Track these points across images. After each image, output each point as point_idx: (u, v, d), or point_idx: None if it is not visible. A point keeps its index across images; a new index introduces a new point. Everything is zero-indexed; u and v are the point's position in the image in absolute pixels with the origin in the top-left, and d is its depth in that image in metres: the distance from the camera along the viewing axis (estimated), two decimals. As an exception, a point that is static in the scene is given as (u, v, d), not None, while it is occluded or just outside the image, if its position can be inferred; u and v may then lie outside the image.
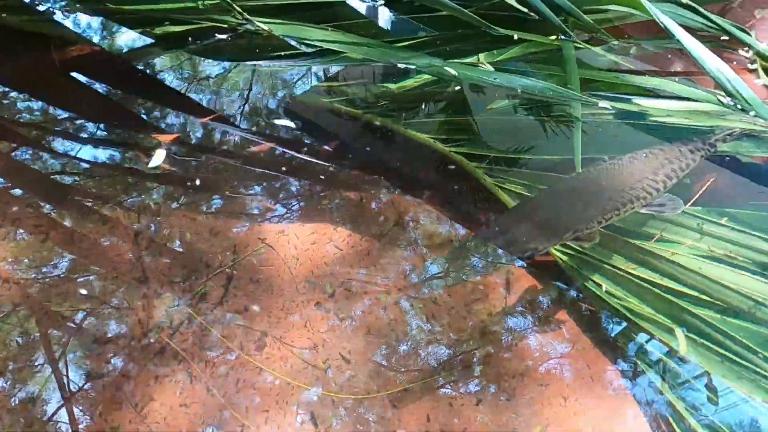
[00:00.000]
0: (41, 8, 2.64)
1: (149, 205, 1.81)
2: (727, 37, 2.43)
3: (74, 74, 2.34)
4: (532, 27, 2.37)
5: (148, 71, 2.40)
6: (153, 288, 1.58)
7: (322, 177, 1.94)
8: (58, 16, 2.62)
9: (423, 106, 2.26)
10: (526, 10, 2.20)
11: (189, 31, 2.39)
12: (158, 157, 1.90)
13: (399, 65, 2.25)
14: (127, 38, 2.50)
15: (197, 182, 1.90)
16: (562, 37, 2.35)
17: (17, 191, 1.87)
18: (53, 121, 2.16)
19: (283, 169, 1.97)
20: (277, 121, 2.11)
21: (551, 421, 1.39)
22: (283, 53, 2.28)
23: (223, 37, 2.37)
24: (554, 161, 2.05)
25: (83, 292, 1.57)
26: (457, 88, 2.30)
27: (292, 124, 2.09)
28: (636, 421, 1.42)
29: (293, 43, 2.20)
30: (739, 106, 2.16)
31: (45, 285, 1.59)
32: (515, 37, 2.21)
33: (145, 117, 2.19)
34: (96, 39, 2.52)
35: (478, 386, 1.44)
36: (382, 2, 2.39)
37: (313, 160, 1.98)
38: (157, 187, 1.88)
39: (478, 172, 1.97)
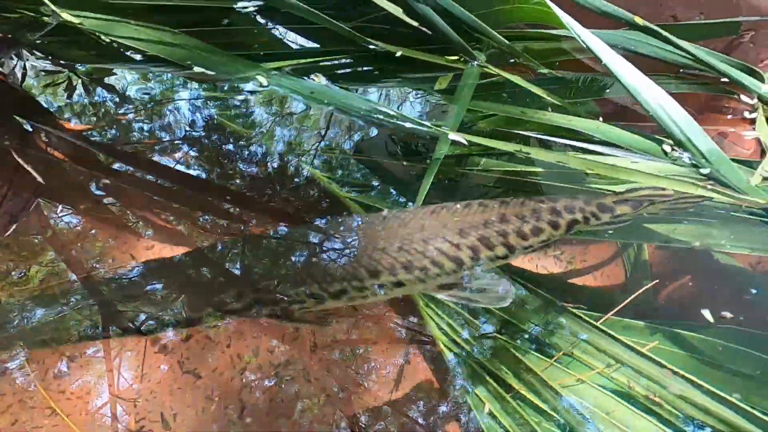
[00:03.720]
0: None
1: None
2: (726, 79, 1.75)
3: None
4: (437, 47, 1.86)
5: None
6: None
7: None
8: None
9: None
10: (416, 24, 1.75)
11: None
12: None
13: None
14: None
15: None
16: (475, 63, 1.83)
17: None
18: None
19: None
20: None
21: None
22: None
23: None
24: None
25: None
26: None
27: None
28: None
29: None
30: (687, 160, 1.47)
31: None
32: (397, 53, 1.76)
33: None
34: None
35: None
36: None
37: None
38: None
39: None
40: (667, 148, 1.48)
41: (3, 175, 1.59)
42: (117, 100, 1.95)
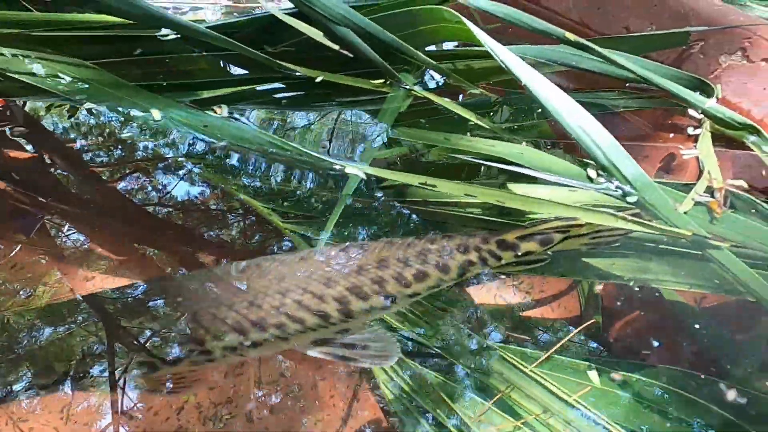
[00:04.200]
0: None
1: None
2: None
3: None
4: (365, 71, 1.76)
5: None
6: None
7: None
8: None
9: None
10: (337, 47, 1.66)
11: None
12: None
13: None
14: None
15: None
16: (409, 86, 1.71)
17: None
18: None
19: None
20: None
21: None
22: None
23: None
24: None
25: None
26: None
27: None
28: None
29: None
30: (615, 187, 1.32)
31: None
32: (318, 79, 1.67)
33: None
34: None
35: None
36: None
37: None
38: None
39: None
40: (593, 174, 1.33)
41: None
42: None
